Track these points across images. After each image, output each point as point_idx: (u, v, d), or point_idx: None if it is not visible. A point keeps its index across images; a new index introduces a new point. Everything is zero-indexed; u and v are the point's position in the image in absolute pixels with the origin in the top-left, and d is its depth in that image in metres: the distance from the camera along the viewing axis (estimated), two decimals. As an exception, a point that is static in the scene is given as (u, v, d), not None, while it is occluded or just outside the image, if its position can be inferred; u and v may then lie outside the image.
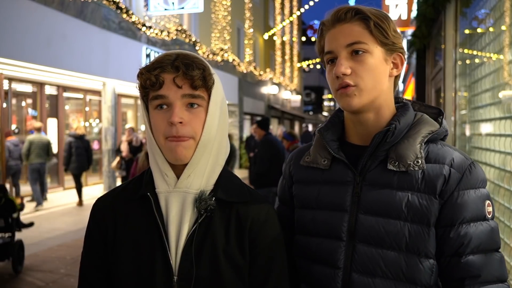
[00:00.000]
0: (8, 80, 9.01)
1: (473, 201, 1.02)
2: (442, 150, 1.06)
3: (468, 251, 0.99)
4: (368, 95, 1.05)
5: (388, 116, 1.10)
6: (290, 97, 27.78)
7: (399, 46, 1.08)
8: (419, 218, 1.01)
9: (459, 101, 4.22)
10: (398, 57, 1.10)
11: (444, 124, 1.11)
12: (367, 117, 1.09)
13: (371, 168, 1.08)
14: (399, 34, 1.09)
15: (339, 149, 1.13)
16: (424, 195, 1.02)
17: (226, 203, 1.06)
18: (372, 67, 1.04)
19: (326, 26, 1.10)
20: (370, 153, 1.07)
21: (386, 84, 1.08)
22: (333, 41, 1.07)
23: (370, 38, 1.05)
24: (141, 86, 1.03)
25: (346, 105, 1.06)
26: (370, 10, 1.06)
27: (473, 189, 1.03)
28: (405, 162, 1.03)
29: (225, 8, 16.77)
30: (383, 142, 1.06)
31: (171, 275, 1.00)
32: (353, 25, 1.05)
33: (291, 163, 1.26)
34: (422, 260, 1.01)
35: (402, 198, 1.03)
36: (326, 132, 1.16)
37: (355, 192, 1.08)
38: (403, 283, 1.02)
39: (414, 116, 1.12)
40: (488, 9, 3.18)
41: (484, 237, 1.00)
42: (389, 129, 1.05)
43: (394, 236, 1.02)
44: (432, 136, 1.07)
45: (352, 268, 1.05)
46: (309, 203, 1.15)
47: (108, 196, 1.13)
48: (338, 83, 1.05)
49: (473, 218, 1.01)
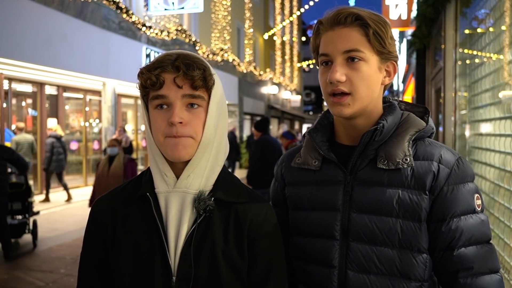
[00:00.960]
0: (8, 80, 9.01)
1: (463, 195, 1.03)
2: (430, 147, 1.08)
3: (460, 244, 1.01)
4: (360, 103, 1.06)
5: (376, 117, 1.11)
6: (290, 97, 27.79)
7: (394, 55, 1.09)
8: (411, 214, 1.03)
9: (459, 101, 4.22)
10: (391, 65, 1.11)
11: (430, 122, 1.13)
12: (357, 122, 1.11)
13: (361, 167, 1.09)
14: (394, 41, 1.10)
15: (329, 150, 1.14)
16: (414, 191, 1.04)
17: (225, 204, 1.06)
18: (367, 76, 1.05)
19: (324, 26, 1.09)
20: (360, 152, 1.09)
21: (378, 92, 1.10)
22: (329, 45, 1.07)
23: (367, 46, 1.05)
24: (141, 86, 1.03)
25: (338, 113, 1.08)
26: (371, 17, 1.05)
27: (462, 183, 1.04)
28: (394, 160, 1.05)
29: (225, 8, 16.77)
30: (371, 141, 1.07)
31: (170, 275, 1.00)
32: (352, 30, 1.05)
33: (282, 165, 1.27)
34: (416, 255, 1.03)
35: (393, 195, 1.04)
36: (316, 133, 1.17)
37: (346, 191, 1.09)
38: (397, 279, 1.04)
39: (401, 115, 1.13)
40: (488, 9, 3.18)
41: (475, 230, 1.02)
42: (377, 128, 1.06)
43: (387, 232, 1.04)
44: (419, 134, 1.09)
45: (347, 266, 1.07)
46: (302, 204, 1.16)
47: (107, 196, 1.13)
48: (331, 88, 1.06)
49: (463, 212, 1.03)
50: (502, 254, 2.60)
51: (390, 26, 1.08)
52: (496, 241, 2.74)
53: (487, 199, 2.98)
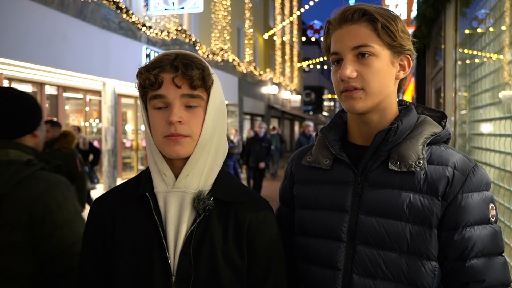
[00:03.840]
0: (8, 80, 9.01)
1: (477, 204, 1.00)
2: (445, 152, 1.05)
3: (472, 255, 0.98)
4: (373, 98, 1.04)
5: (391, 117, 1.09)
6: (290, 97, 27.77)
7: (407, 48, 1.06)
8: (421, 219, 1.00)
9: (459, 101, 4.22)
10: (405, 59, 1.08)
11: (447, 127, 1.10)
12: (371, 118, 1.08)
13: (373, 168, 1.07)
14: (408, 34, 1.06)
15: (341, 149, 1.12)
16: (426, 196, 1.00)
17: (224, 203, 1.05)
18: (379, 71, 1.03)
19: (333, 25, 1.07)
20: (372, 153, 1.06)
21: (391, 87, 1.07)
22: (339, 42, 1.05)
23: (377, 40, 1.02)
24: (140, 86, 1.03)
25: (351, 107, 1.05)
26: (378, 11, 1.03)
27: (477, 191, 1.01)
28: (406, 163, 1.02)
29: (225, 8, 16.76)
30: (384, 142, 1.05)
31: (169, 275, 1.00)
32: (360, 26, 1.03)
33: (292, 162, 1.26)
34: (424, 262, 1.00)
35: (404, 198, 1.01)
36: (329, 132, 1.15)
37: (356, 192, 1.07)
38: (404, 286, 1.00)
39: (417, 118, 1.11)
40: (488, 9, 3.18)
41: (488, 241, 0.99)
42: (391, 128, 1.04)
43: (395, 237, 1.01)
44: (434, 138, 1.06)
45: (353, 270, 1.04)
46: (309, 203, 1.14)
47: (106, 196, 1.13)
48: (343, 86, 1.04)
49: (477, 221, 1.00)
50: (502, 254, 2.60)
51: (401, 20, 1.05)
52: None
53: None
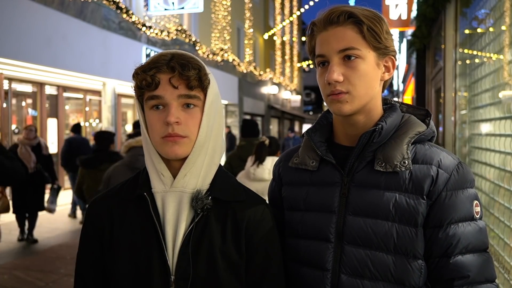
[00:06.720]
0: (8, 80, 9.01)
1: (461, 202, 1.01)
2: (429, 151, 1.06)
3: (456, 251, 1.00)
4: (360, 101, 1.04)
5: (377, 117, 1.09)
6: (290, 97, 27.77)
7: (391, 49, 1.07)
8: (407, 219, 1.01)
9: (459, 101, 4.22)
10: (390, 60, 1.09)
11: (431, 125, 1.11)
12: (357, 119, 1.09)
13: (359, 169, 1.07)
14: (391, 35, 1.08)
15: (327, 150, 1.13)
16: (412, 196, 1.02)
17: (222, 203, 1.05)
18: (365, 73, 1.03)
19: (318, 27, 1.07)
20: (357, 153, 1.07)
21: (377, 89, 1.08)
22: (325, 45, 1.05)
23: (363, 43, 1.03)
24: (136, 87, 1.03)
25: (338, 110, 1.06)
26: (363, 13, 1.04)
27: (461, 189, 1.02)
28: (392, 163, 1.03)
29: (225, 8, 16.75)
30: (370, 143, 1.06)
31: (168, 274, 1.00)
32: (346, 29, 1.03)
33: (280, 164, 1.26)
34: (411, 261, 1.01)
35: (390, 198, 1.02)
36: (314, 133, 1.16)
37: (343, 193, 1.08)
38: (392, 284, 1.02)
39: (401, 117, 1.11)
40: (488, 9, 3.18)
41: (472, 238, 1.00)
42: (376, 129, 1.05)
43: (382, 236, 1.02)
44: (419, 137, 1.07)
45: (341, 270, 1.05)
46: (298, 204, 1.15)
47: (104, 196, 1.13)
48: (330, 89, 1.04)
49: (461, 219, 1.01)
50: (502, 254, 2.60)
51: (385, 21, 1.06)
52: (496, 241, 2.73)
53: (487, 199, 2.98)
